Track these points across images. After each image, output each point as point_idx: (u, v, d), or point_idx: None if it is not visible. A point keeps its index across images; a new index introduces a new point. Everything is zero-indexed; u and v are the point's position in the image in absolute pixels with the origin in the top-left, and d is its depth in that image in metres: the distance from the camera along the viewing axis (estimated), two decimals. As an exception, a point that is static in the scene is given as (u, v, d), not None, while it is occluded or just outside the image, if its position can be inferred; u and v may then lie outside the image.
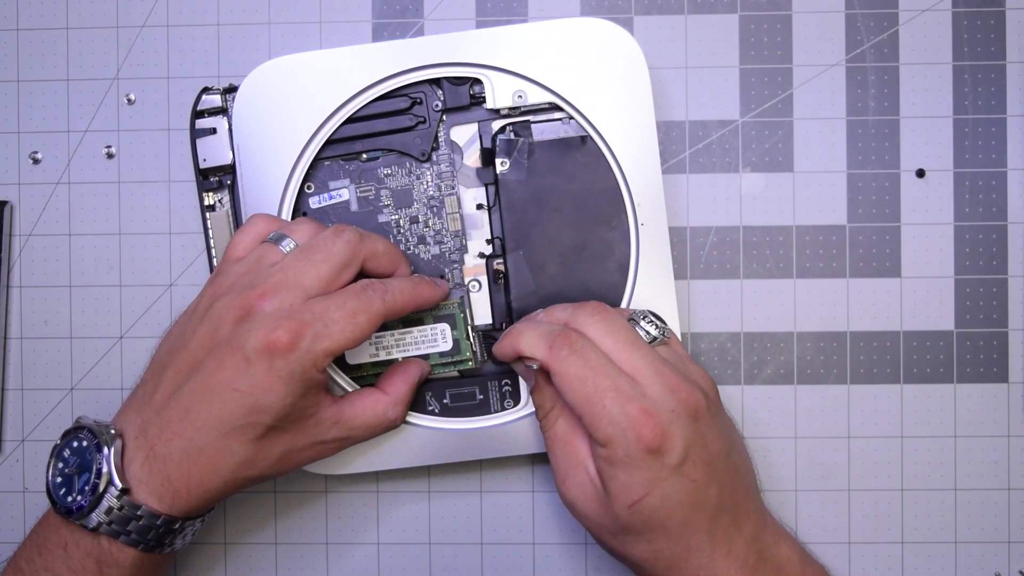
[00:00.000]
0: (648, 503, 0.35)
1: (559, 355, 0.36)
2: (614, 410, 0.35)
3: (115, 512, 0.35)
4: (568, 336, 0.36)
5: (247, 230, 0.40)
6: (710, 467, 0.35)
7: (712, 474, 0.35)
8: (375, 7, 0.46)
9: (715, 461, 0.36)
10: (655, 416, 0.34)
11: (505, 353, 0.38)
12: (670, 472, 0.35)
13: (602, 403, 0.35)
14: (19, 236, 0.46)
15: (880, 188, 0.45)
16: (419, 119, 0.43)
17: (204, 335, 0.37)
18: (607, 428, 0.35)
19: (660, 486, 0.35)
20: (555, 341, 0.36)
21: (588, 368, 0.35)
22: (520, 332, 0.38)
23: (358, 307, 0.37)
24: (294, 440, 0.37)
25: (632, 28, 0.46)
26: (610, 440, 0.35)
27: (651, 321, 0.38)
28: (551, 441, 0.38)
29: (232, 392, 0.35)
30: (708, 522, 0.35)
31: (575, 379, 0.35)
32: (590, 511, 0.37)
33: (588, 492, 0.37)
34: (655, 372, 0.36)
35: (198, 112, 0.44)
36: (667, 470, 0.35)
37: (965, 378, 0.45)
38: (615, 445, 0.35)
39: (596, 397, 0.35)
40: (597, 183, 0.42)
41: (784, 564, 0.37)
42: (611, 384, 0.35)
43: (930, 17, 0.45)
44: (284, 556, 0.45)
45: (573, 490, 0.37)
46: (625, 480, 0.35)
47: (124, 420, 0.37)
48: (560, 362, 0.36)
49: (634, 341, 0.37)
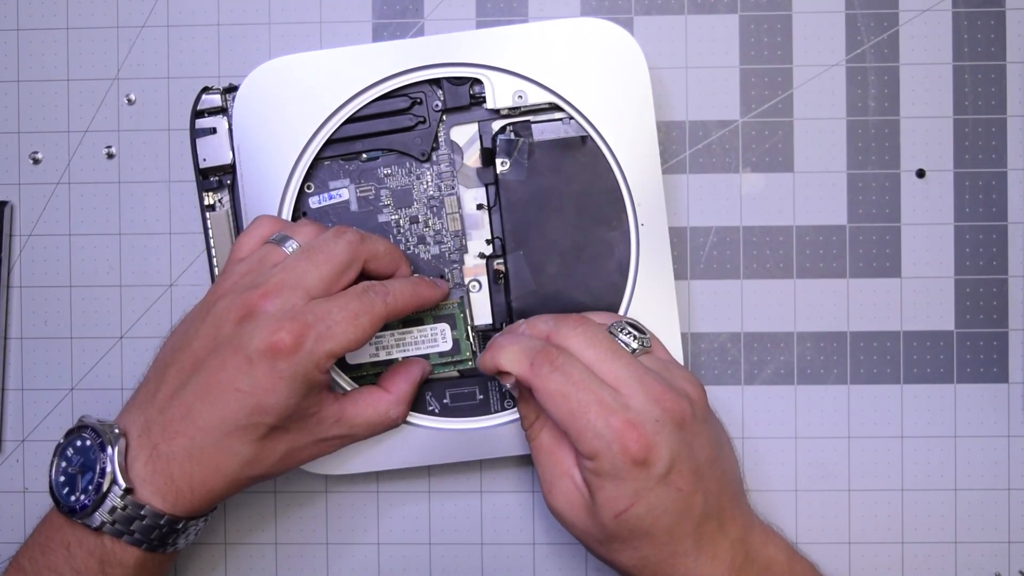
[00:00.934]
0: (634, 513, 0.35)
1: (540, 372, 0.36)
2: (598, 424, 0.34)
3: (119, 512, 0.35)
4: (548, 353, 0.36)
5: (251, 231, 0.40)
6: (696, 475, 0.35)
7: (698, 482, 0.35)
8: (375, 7, 0.46)
9: (701, 468, 0.36)
10: (640, 427, 0.34)
11: (487, 368, 0.38)
12: (656, 482, 0.35)
13: (586, 417, 0.35)
14: (19, 236, 0.46)
15: (880, 188, 0.45)
16: (419, 119, 0.43)
17: (206, 334, 0.37)
18: (592, 442, 0.34)
19: (646, 496, 0.35)
20: (536, 358, 0.36)
21: (570, 384, 0.35)
22: (501, 347, 0.37)
23: (360, 309, 0.37)
24: (296, 439, 0.38)
25: (632, 28, 0.45)
26: (596, 454, 0.35)
27: (629, 332, 0.38)
28: (536, 451, 0.38)
29: (235, 392, 0.35)
30: (694, 529, 0.36)
31: (557, 395, 0.35)
32: (577, 520, 0.37)
33: (575, 501, 0.37)
34: (638, 382, 0.35)
35: (198, 112, 0.44)
36: (653, 480, 0.35)
37: (965, 378, 0.45)
38: (601, 458, 0.34)
39: (580, 412, 0.35)
40: (597, 183, 0.42)
41: (771, 563, 0.37)
42: (594, 398, 0.35)
43: (930, 17, 0.45)
44: (284, 556, 0.45)
45: (560, 499, 0.37)
46: (611, 491, 0.35)
47: (127, 419, 0.37)
48: (542, 379, 0.36)
49: (616, 352, 0.36)
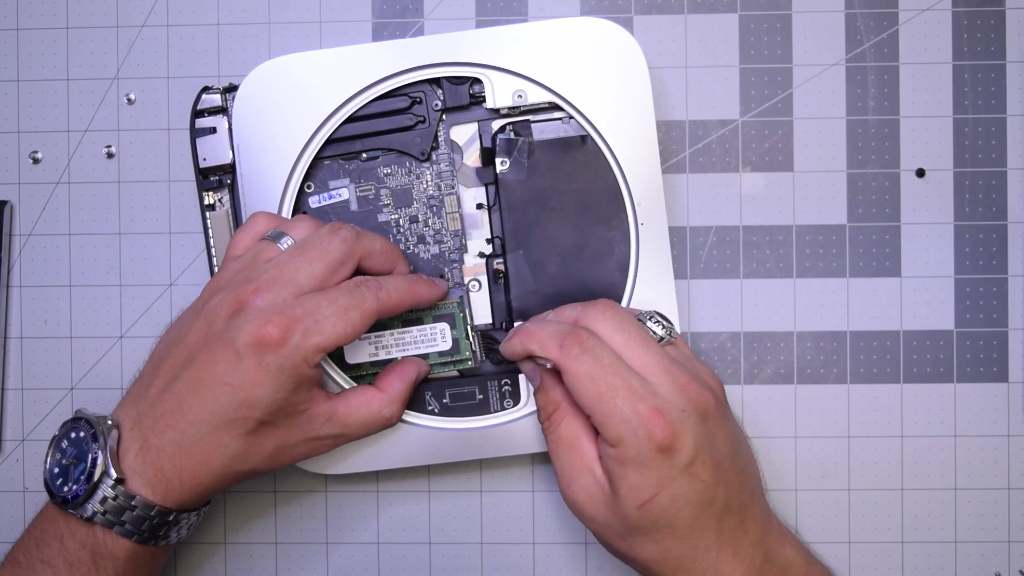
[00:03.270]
0: (658, 503, 0.35)
1: (570, 354, 0.36)
2: (625, 409, 0.34)
3: (110, 502, 0.36)
4: (579, 335, 0.36)
5: (247, 228, 0.40)
6: (718, 468, 0.35)
7: (720, 475, 0.35)
8: (375, 7, 0.46)
9: (723, 462, 0.36)
10: (666, 415, 0.34)
11: (515, 352, 0.38)
12: (680, 471, 0.35)
13: (613, 402, 0.35)
14: (19, 236, 0.46)
15: (880, 188, 0.45)
16: (419, 119, 0.43)
17: (199, 330, 0.37)
18: (618, 427, 0.35)
19: (670, 486, 0.35)
20: (566, 340, 0.36)
21: (599, 367, 0.35)
22: (531, 332, 0.37)
23: (350, 303, 0.37)
24: (286, 435, 0.38)
25: (632, 28, 0.46)
26: (621, 439, 0.35)
27: (658, 321, 0.38)
28: (555, 444, 0.38)
29: (223, 386, 0.35)
30: (716, 523, 0.35)
31: (586, 378, 0.35)
32: (596, 513, 0.37)
33: (595, 494, 0.36)
34: (665, 371, 0.36)
35: (198, 111, 0.44)
36: (677, 469, 0.34)
37: (965, 378, 0.45)
38: (626, 444, 0.34)
39: (607, 396, 0.35)
40: (597, 183, 0.42)
41: (789, 566, 0.37)
42: (622, 383, 0.35)
43: (930, 17, 0.45)
44: (284, 556, 0.45)
45: (579, 493, 0.37)
46: (635, 480, 0.35)
47: (121, 412, 0.38)
48: (571, 361, 0.36)
49: (644, 339, 0.37)
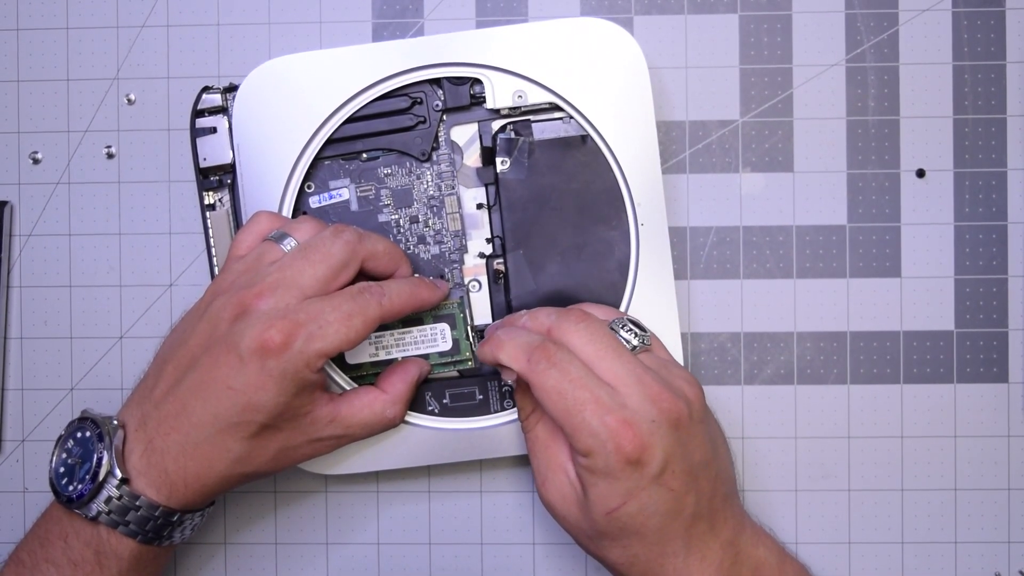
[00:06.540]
0: (625, 511, 0.35)
1: (537, 368, 0.36)
2: (593, 422, 0.34)
3: (114, 502, 0.36)
4: (546, 348, 0.36)
5: (250, 228, 0.40)
6: (690, 476, 0.35)
7: (691, 483, 0.35)
8: (375, 7, 0.46)
9: (695, 470, 0.36)
10: (635, 427, 0.34)
11: (486, 359, 0.38)
12: (649, 482, 0.35)
13: (581, 415, 0.34)
14: (19, 236, 0.46)
15: (880, 188, 0.45)
16: (419, 119, 0.43)
17: (203, 332, 0.37)
18: (587, 440, 0.34)
19: (638, 496, 0.35)
20: (534, 354, 0.36)
21: (566, 380, 0.35)
22: (500, 342, 0.37)
23: (353, 309, 0.37)
24: (289, 438, 0.38)
25: (632, 28, 0.46)
26: (590, 451, 0.35)
27: (630, 329, 0.38)
28: (532, 443, 0.39)
29: (226, 390, 0.36)
30: (684, 530, 0.36)
31: (553, 392, 0.35)
32: (568, 514, 0.37)
33: (567, 495, 0.37)
34: (636, 381, 0.35)
35: (198, 111, 0.44)
36: (646, 480, 0.35)
37: (965, 378, 0.45)
38: (595, 456, 0.35)
39: (575, 409, 0.35)
40: (597, 183, 0.42)
41: (761, 565, 0.37)
42: (590, 396, 0.35)
43: (930, 17, 0.45)
44: (284, 556, 0.45)
45: (553, 493, 0.37)
46: (604, 489, 0.35)
47: (126, 413, 0.38)
48: (539, 375, 0.35)
49: (616, 349, 0.36)
